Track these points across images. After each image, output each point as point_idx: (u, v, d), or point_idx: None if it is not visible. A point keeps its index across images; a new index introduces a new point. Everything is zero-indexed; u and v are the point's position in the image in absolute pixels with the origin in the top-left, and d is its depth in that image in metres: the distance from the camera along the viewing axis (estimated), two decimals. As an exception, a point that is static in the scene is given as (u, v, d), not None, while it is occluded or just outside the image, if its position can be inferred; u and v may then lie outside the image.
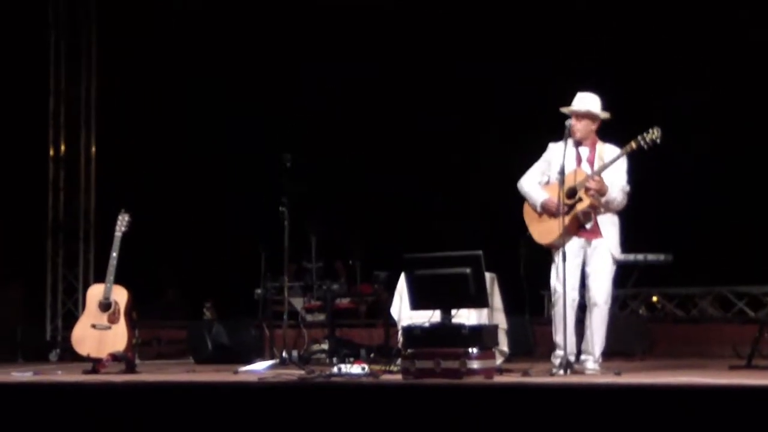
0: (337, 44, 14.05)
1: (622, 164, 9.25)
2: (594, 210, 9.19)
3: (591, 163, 9.29)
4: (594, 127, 9.35)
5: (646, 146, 9.02)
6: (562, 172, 9.05)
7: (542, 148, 9.51)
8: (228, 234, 14.30)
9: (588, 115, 9.29)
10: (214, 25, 14.37)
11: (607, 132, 9.42)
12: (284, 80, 14.28)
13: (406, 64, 14.09)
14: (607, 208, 9.22)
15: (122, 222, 10.40)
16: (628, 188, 9.27)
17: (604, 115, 9.34)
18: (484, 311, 9.42)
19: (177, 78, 14.53)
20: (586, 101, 9.33)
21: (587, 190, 9.09)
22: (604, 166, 9.14)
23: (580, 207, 9.14)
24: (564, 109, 9.30)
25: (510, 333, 10.01)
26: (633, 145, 9.07)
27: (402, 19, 13.95)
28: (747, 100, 13.06)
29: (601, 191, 9.10)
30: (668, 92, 13.18)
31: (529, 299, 10.46)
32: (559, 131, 9.22)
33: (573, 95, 9.41)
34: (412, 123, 14.12)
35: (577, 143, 9.33)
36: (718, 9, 13.02)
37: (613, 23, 13.33)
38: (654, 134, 8.98)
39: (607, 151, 9.26)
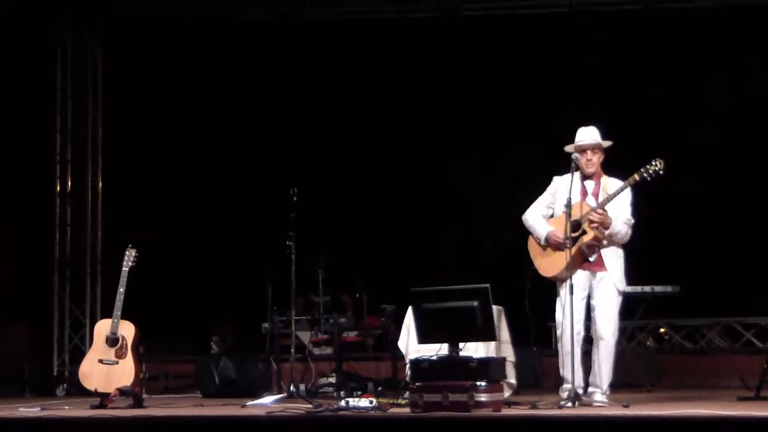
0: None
1: (627, 197, 9.25)
2: (598, 243, 9.19)
3: (596, 196, 9.30)
4: (602, 159, 9.38)
5: (649, 177, 9.02)
6: (568, 206, 9.05)
7: (548, 183, 9.53)
8: (235, 268, 14.31)
9: (600, 148, 9.32)
10: (220, 56, 14.44)
11: (611, 165, 9.43)
12: (291, 109, 14.34)
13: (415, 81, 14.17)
14: (611, 240, 9.21)
15: (129, 257, 10.41)
16: (632, 221, 9.26)
17: (607, 143, 9.37)
18: (492, 344, 9.42)
19: (182, 113, 14.60)
20: (594, 134, 9.36)
21: (591, 222, 9.10)
22: (608, 199, 9.14)
23: (585, 240, 9.14)
24: (572, 146, 9.30)
25: (518, 365, 10.01)
26: (636, 177, 9.07)
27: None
28: (752, 132, 13.12)
29: (605, 224, 9.10)
30: (673, 125, 13.24)
31: (536, 332, 10.45)
32: (565, 163, 9.23)
33: (577, 128, 9.43)
34: (421, 146, 14.18)
35: (584, 177, 9.35)
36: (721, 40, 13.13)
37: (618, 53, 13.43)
38: (657, 166, 8.99)
39: (612, 184, 9.27)
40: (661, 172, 8.98)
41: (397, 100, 14.25)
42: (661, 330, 13.39)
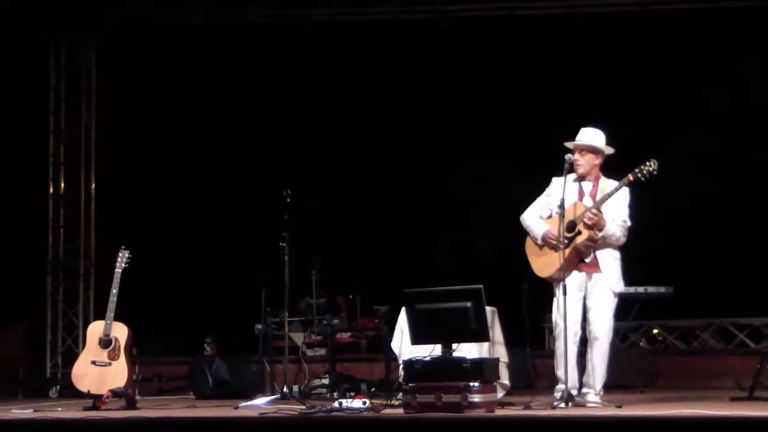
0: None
1: (624, 198, 9.25)
2: (593, 243, 9.19)
3: (593, 197, 9.29)
4: (598, 162, 9.36)
5: (643, 178, 9.04)
6: (562, 206, 9.06)
7: (546, 183, 9.52)
8: (229, 269, 14.29)
9: (591, 150, 9.31)
10: (214, 59, 14.43)
11: (610, 169, 9.42)
12: (290, 110, 14.31)
13: (412, 81, 14.16)
14: (606, 242, 9.21)
15: (122, 259, 10.40)
16: (629, 223, 9.26)
17: (609, 150, 9.34)
18: (485, 345, 9.41)
19: (175, 113, 14.58)
20: (590, 136, 9.35)
21: (586, 223, 9.10)
22: (603, 199, 9.14)
23: (579, 240, 9.14)
24: (569, 144, 9.32)
25: (511, 366, 10.00)
26: (630, 177, 9.09)
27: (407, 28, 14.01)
28: (745, 134, 13.14)
29: (599, 225, 9.10)
30: (671, 128, 13.26)
31: (530, 333, 10.44)
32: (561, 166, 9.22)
33: (577, 131, 9.42)
34: (413, 152, 14.16)
35: (580, 178, 9.35)
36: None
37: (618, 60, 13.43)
38: (651, 166, 9.00)
39: (609, 186, 9.26)
40: (655, 173, 9.00)
41: (394, 103, 14.22)
42: (655, 331, 13.40)
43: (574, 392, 9.07)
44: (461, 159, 14.15)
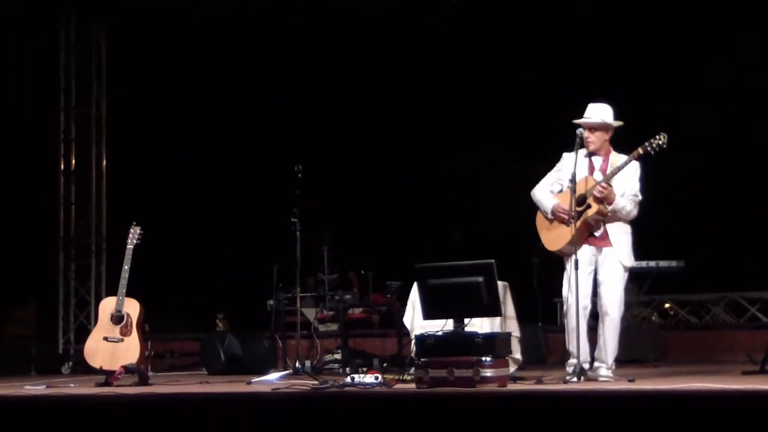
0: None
1: (635, 171, 9.22)
2: (603, 217, 9.17)
3: (604, 172, 9.26)
4: (607, 137, 9.33)
5: (653, 152, 9.01)
6: (573, 181, 9.04)
7: (556, 158, 9.50)
8: (240, 245, 14.31)
9: (601, 126, 9.28)
10: (222, 34, 14.40)
11: (620, 143, 9.40)
12: (293, 87, 14.29)
13: (415, 65, 14.13)
14: (616, 216, 9.19)
15: (134, 235, 10.41)
16: (640, 197, 9.22)
17: (617, 123, 9.32)
18: (497, 320, 9.41)
19: (186, 90, 14.58)
20: (599, 112, 9.30)
21: (596, 197, 9.09)
22: (613, 173, 9.12)
23: (589, 213, 9.12)
24: (578, 121, 9.28)
25: (523, 341, 10.00)
26: (640, 150, 9.06)
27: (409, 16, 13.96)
28: (756, 113, 13.11)
29: (609, 199, 9.08)
30: (681, 102, 13.21)
31: (542, 308, 10.46)
32: (571, 140, 9.19)
33: (585, 107, 9.38)
34: (423, 128, 14.15)
35: (591, 153, 9.32)
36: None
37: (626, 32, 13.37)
38: (661, 140, 8.97)
39: (620, 160, 9.22)
40: (664, 146, 8.97)
41: (405, 82, 14.20)
42: (666, 305, 13.39)
43: (586, 366, 9.07)
44: (472, 135, 14.14)
